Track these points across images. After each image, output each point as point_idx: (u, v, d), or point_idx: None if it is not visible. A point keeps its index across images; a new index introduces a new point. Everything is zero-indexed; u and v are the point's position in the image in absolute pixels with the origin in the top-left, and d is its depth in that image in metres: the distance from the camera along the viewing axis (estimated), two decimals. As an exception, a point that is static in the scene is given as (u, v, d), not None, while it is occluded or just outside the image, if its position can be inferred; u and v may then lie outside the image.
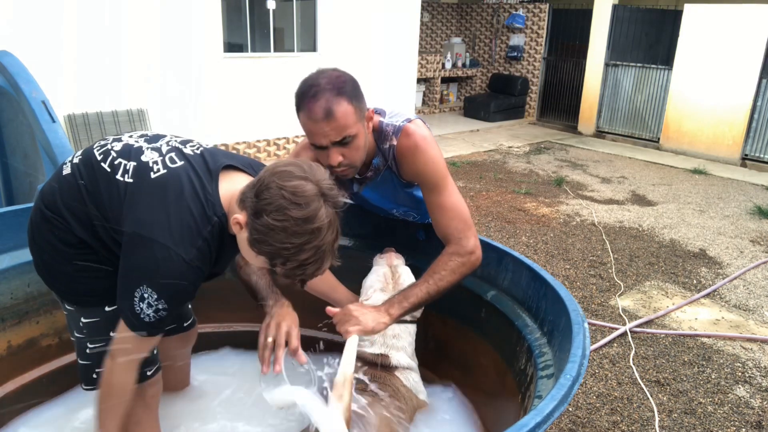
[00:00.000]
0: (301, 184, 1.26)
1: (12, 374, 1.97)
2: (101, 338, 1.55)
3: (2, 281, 1.89)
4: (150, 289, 1.32)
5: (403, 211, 2.05)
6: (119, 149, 1.44)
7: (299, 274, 1.33)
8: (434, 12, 10.79)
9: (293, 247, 1.26)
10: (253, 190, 1.30)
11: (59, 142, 2.42)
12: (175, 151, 1.44)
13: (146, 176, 1.38)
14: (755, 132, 7.46)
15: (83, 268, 1.48)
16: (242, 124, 6.48)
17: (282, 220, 1.24)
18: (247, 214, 1.30)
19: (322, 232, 1.27)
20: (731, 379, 2.87)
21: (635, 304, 3.63)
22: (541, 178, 6.56)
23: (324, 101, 1.54)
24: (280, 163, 1.32)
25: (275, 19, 6.44)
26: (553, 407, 1.15)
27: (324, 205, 1.28)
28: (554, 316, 1.58)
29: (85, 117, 5.25)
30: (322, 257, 1.31)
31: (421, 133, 1.76)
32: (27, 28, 4.83)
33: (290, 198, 1.25)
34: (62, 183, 1.46)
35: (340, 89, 1.56)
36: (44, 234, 1.48)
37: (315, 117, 1.55)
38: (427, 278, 1.72)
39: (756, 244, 4.72)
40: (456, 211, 1.76)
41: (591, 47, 9.02)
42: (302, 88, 1.60)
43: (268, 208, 1.25)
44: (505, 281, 1.89)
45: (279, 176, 1.27)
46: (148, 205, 1.35)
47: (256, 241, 1.30)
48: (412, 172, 1.78)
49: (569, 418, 2.54)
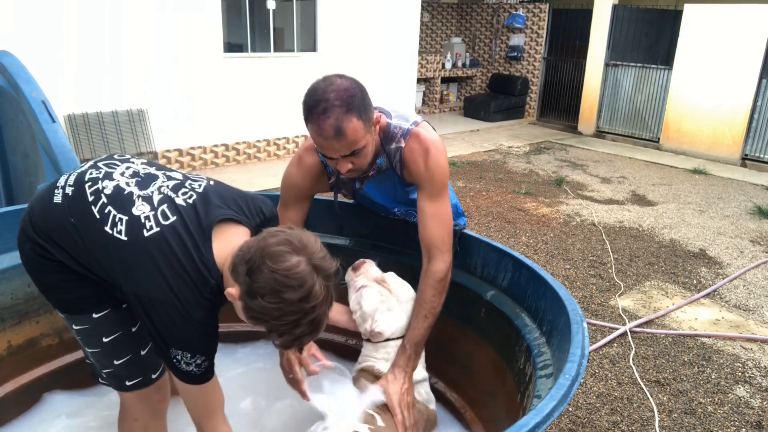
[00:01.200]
0: (294, 264, 1.24)
1: (12, 374, 1.97)
2: (95, 343, 1.54)
3: (2, 281, 1.89)
4: (179, 350, 1.34)
5: (403, 210, 2.05)
6: (110, 194, 1.39)
7: (296, 344, 1.34)
8: (434, 12, 10.79)
9: (289, 324, 1.27)
10: (244, 266, 1.27)
11: (59, 142, 2.42)
12: (167, 203, 1.39)
13: (139, 234, 1.34)
14: (755, 132, 7.46)
15: (66, 279, 1.47)
16: (242, 124, 6.48)
17: (277, 302, 1.24)
18: (240, 291, 1.28)
19: (317, 307, 1.27)
20: (731, 379, 2.87)
21: (635, 304, 3.63)
22: (541, 178, 6.56)
23: (334, 119, 1.53)
24: (271, 239, 1.28)
25: (275, 19, 6.44)
26: (552, 407, 1.15)
27: (317, 280, 1.26)
28: (553, 316, 1.58)
29: (85, 117, 5.25)
30: (317, 327, 1.32)
31: (432, 137, 1.77)
32: (27, 28, 4.83)
33: (283, 281, 1.23)
34: (52, 210, 1.43)
35: (349, 105, 1.54)
36: (26, 249, 1.47)
37: (325, 134, 1.55)
38: (422, 312, 1.76)
39: (756, 244, 4.72)
40: (446, 222, 1.79)
41: (591, 47, 9.02)
42: (310, 100, 1.56)
43: (261, 291, 1.24)
44: (505, 281, 1.89)
45: (270, 258, 1.24)
46: (147, 268, 1.32)
47: (251, 317, 1.30)
48: (419, 175, 1.77)
49: (569, 418, 2.54)
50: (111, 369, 1.57)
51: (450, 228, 1.80)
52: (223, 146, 6.40)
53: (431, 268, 1.77)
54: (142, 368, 1.59)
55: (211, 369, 1.41)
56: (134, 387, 1.59)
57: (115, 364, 1.56)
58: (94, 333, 1.53)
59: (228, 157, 6.49)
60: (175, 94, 5.85)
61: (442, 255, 1.77)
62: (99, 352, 1.56)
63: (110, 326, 1.53)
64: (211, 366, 1.40)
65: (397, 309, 1.82)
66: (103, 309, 1.51)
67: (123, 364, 1.56)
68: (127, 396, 1.63)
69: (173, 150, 6.02)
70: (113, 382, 1.60)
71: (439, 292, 1.76)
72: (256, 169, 6.33)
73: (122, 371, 1.57)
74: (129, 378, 1.58)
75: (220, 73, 6.12)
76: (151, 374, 1.61)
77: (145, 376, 1.59)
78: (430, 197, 1.77)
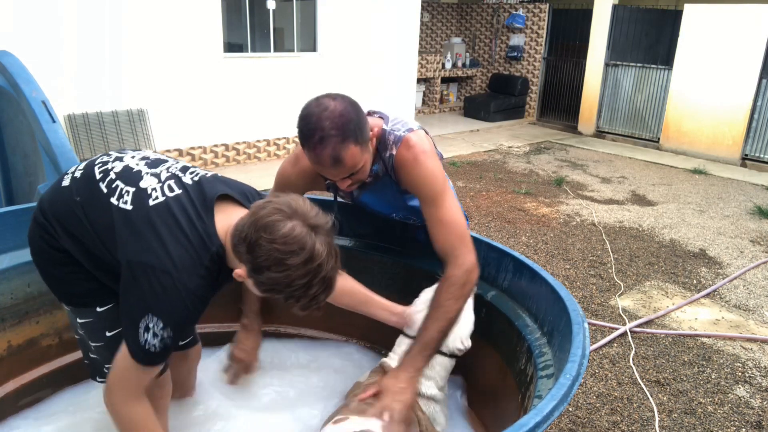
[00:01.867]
0: (289, 230, 1.25)
1: (12, 374, 1.97)
2: (98, 337, 1.57)
3: (2, 281, 1.89)
4: (155, 317, 1.31)
5: (402, 216, 2.04)
6: (119, 171, 1.44)
7: (313, 305, 1.35)
8: (434, 12, 10.79)
9: (301, 287, 1.28)
10: (243, 245, 1.28)
11: (59, 142, 2.42)
12: (173, 179, 1.43)
13: (144, 203, 1.37)
14: (755, 132, 7.46)
15: (72, 271, 1.50)
16: (242, 124, 6.48)
17: (284, 270, 1.25)
18: (247, 269, 1.30)
19: (323, 264, 1.28)
20: (731, 379, 2.87)
21: (635, 304, 3.63)
22: (541, 178, 6.56)
23: (331, 149, 1.52)
24: (261, 211, 1.29)
25: (275, 19, 6.44)
26: (552, 407, 1.15)
27: (317, 238, 1.27)
28: (554, 316, 1.58)
29: (85, 117, 5.25)
30: (329, 283, 1.33)
31: (422, 146, 1.73)
32: (27, 28, 4.83)
33: (284, 248, 1.24)
34: (59, 195, 1.48)
35: (345, 132, 1.52)
36: (36, 238, 1.50)
37: (323, 163, 1.56)
38: (435, 314, 1.69)
39: (756, 244, 4.72)
40: (452, 226, 1.73)
41: (591, 47, 9.02)
42: (305, 128, 1.54)
43: (265, 264, 1.26)
44: (506, 281, 1.89)
45: (264, 230, 1.26)
46: (146, 234, 1.34)
47: (264, 291, 1.32)
48: (410, 183, 1.76)
49: (569, 418, 2.54)
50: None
51: (460, 230, 1.74)
52: (223, 146, 6.40)
53: (446, 274, 1.72)
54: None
55: (167, 354, 1.38)
56: None
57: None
58: (98, 327, 1.56)
59: (228, 157, 6.49)
60: (175, 94, 5.85)
61: (456, 260, 1.71)
62: (102, 346, 1.58)
63: (114, 320, 1.55)
64: (169, 350, 1.37)
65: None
66: (107, 303, 1.54)
67: None
68: None
69: (173, 150, 6.02)
70: None
71: (454, 297, 1.69)
72: (256, 169, 6.33)
73: None
74: None
75: (220, 73, 6.12)
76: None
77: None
78: (429, 204, 1.75)
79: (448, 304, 1.68)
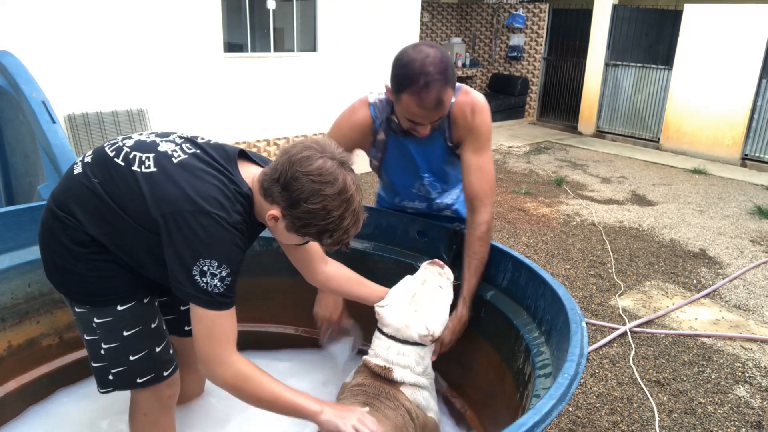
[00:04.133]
0: (322, 163, 1.33)
1: (12, 374, 1.97)
2: (115, 337, 1.55)
3: (2, 281, 1.89)
4: (207, 259, 1.32)
5: (430, 180, 2.06)
6: (132, 144, 1.46)
7: (345, 239, 1.42)
8: (434, 12, 10.79)
9: (336, 219, 1.35)
10: (277, 185, 1.35)
11: (59, 143, 2.42)
12: (189, 142, 1.49)
13: (169, 162, 1.40)
14: (755, 132, 7.46)
15: (95, 267, 1.47)
16: (242, 124, 6.48)
17: (320, 201, 1.32)
18: (281, 207, 1.36)
19: (354, 196, 1.36)
20: (731, 379, 2.87)
21: (635, 304, 3.63)
22: (541, 178, 6.56)
23: (435, 92, 1.61)
24: (292, 150, 1.37)
25: (275, 19, 6.44)
26: (551, 406, 1.14)
27: (347, 172, 1.36)
28: (552, 316, 1.58)
29: (85, 117, 5.25)
30: (358, 217, 1.40)
31: (478, 95, 1.86)
32: (27, 28, 4.83)
33: (319, 180, 1.32)
34: (73, 182, 1.46)
35: (446, 77, 1.62)
36: (56, 235, 1.47)
37: (426, 106, 1.64)
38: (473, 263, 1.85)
39: (756, 244, 4.72)
40: (489, 175, 1.88)
41: (591, 47, 9.02)
42: (409, 72, 1.62)
43: (302, 196, 1.32)
44: (505, 281, 1.89)
45: (299, 164, 1.33)
46: (178, 183, 1.36)
47: (300, 227, 1.37)
48: (465, 128, 1.85)
49: (569, 418, 2.54)
50: (124, 367, 1.57)
51: (493, 180, 1.89)
52: (223, 146, 6.40)
53: (476, 220, 1.85)
54: (155, 365, 1.59)
55: (234, 291, 1.38)
56: (145, 384, 1.59)
57: (130, 360, 1.56)
58: (116, 326, 1.53)
59: (228, 157, 6.49)
60: (175, 94, 5.86)
61: (485, 207, 1.85)
62: (117, 347, 1.55)
63: (133, 320, 1.54)
64: (234, 286, 1.37)
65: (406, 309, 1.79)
66: (128, 302, 1.53)
67: (137, 360, 1.56)
68: (137, 392, 1.63)
69: (173, 150, 6.02)
70: (122, 382, 1.60)
71: (485, 242, 1.86)
72: (256, 169, 6.34)
73: (135, 367, 1.57)
74: (140, 375, 1.58)
75: (220, 73, 6.13)
76: (163, 371, 1.62)
77: (157, 373, 1.60)
78: (475, 150, 1.85)
79: (483, 251, 1.86)
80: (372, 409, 1.64)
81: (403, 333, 1.75)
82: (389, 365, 1.75)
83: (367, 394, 1.70)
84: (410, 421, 1.70)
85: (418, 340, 1.75)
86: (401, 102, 1.69)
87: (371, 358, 1.80)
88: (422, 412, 1.76)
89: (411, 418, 1.71)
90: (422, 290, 1.79)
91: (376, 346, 1.80)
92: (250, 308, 2.26)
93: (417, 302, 1.77)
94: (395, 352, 1.75)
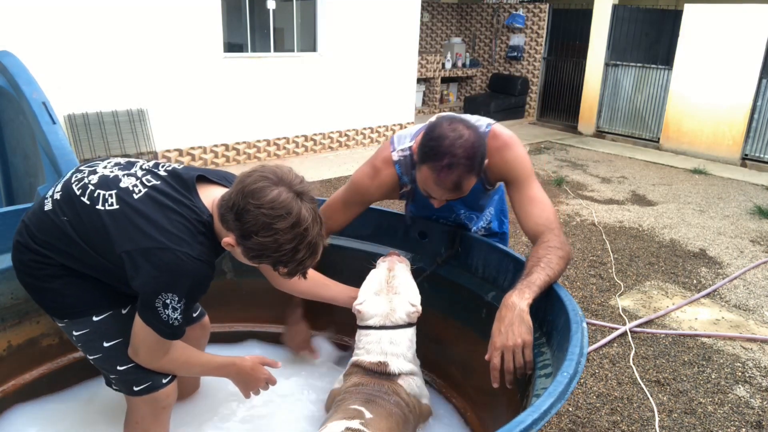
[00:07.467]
0: (276, 195, 1.30)
1: (12, 374, 1.97)
2: (96, 349, 1.56)
3: (2, 281, 1.88)
4: (170, 293, 1.35)
5: (466, 214, 2.04)
6: (96, 182, 1.46)
7: (300, 270, 1.41)
8: (434, 12, 10.78)
9: (289, 251, 1.33)
10: (231, 213, 1.33)
11: (59, 143, 2.42)
12: (149, 174, 1.48)
13: (130, 199, 1.41)
14: (755, 132, 7.46)
15: (69, 283, 1.50)
16: (242, 124, 6.48)
17: (272, 234, 1.30)
18: (235, 236, 1.35)
19: (309, 229, 1.33)
20: (731, 379, 2.87)
21: (635, 304, 3.63)
22: (541, 178, 6.56)
23: (456, 176, 1.56)
24: (247, 179, 1.34)
25: (275, 19, 6.44)
26: (550, 404, 1.14)
27: (302, 204, 1.33)
28: (553, 316, 1.58)
29: (85, 117, 5.25)
30: (315, 248, 1.38)
31: (508, 133, 1.80)
32: (27, 28, 4.83)
33: (271, 213, 1.29)
34: (45, 220, 1.48)
35: (473, 164, 1.56)
36: (26, 261, 1.51)
37: (443, 186, 1.59)
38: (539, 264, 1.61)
39: (756, 244, 4.72)
40: (546, 204, 1.77)
41: (591, 47, 9.01)
42: (437, 147, 1.56)
43: (253, 229, 1.31)
44: (506, 282, 1.89)
45: (252, 196, 1.30)
46: (139, 221, 1.37)
47: (254, 257, 1.37)
48: (502, 168, 1.79)
49: (569, 418, 2.54)
50: (116, 375, 1.58)
51: (551, 209, 1.76)
52: (223, 146, 6.40)
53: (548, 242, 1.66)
54: (147, 374, 1.59)
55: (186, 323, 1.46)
56: (142, 392, 1.59)
57: (118, 370, 1.56)
58: (94, 337, 1.55)
59: (228, 157, 6.49)
60: (175, 94, 5.85)
61: (551, 231, 1.69)
62: (101, 358, 1.57)
63: (110, 331, 1.55)
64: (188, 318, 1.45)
65: (384, 297, 1.81)
66: (103, 312, 1.54)
67: (126, 371, 1.56)
68: (133, 398, 1.63)
69: (173, 150, 6.02)
70: (122, 386, 1.61)
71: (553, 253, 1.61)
72: (256, 169, 6.34)
73: (128, 377, 1.57)
74: (136, 383, 1.58)
75: (220, 73, 6.13)
76: (161, 379, 1.61)
77: (153, 381, 1.60)
78: (521, 185, 1.78)
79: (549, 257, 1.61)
80: (375, 406, 1.64)
81: (391, 318, 1.80)
82: (384, 359, 1.78)
83: (367, 393, 1.71)
84: (409, 414, 1.72)
85: (407, 320, 1.81)
86: (421, 172, 1.63)
87: (363, 356, 1.80)
88: (417, 401, 1.80)
89: (411, 410, 1.74)
90: (391, 277, 1.85)
91: (365, 343, 1.81)
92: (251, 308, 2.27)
93: (392, 287, 1.83)
94: (388, 341, 1.79)
